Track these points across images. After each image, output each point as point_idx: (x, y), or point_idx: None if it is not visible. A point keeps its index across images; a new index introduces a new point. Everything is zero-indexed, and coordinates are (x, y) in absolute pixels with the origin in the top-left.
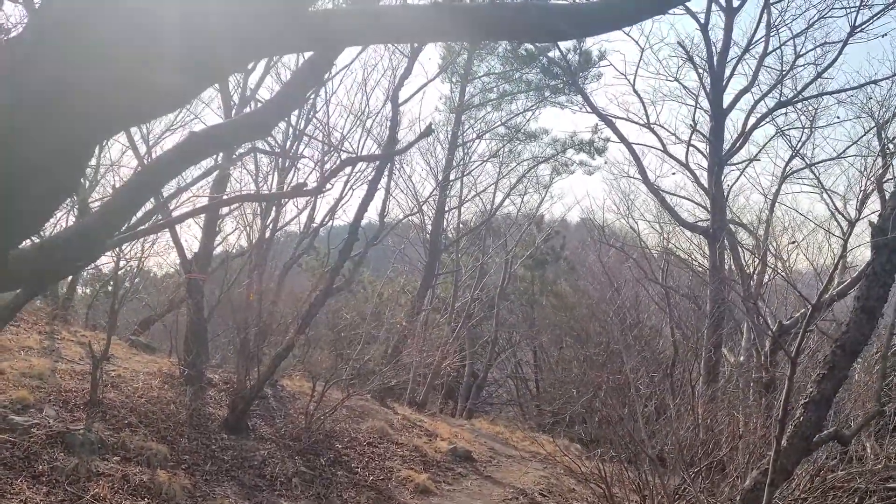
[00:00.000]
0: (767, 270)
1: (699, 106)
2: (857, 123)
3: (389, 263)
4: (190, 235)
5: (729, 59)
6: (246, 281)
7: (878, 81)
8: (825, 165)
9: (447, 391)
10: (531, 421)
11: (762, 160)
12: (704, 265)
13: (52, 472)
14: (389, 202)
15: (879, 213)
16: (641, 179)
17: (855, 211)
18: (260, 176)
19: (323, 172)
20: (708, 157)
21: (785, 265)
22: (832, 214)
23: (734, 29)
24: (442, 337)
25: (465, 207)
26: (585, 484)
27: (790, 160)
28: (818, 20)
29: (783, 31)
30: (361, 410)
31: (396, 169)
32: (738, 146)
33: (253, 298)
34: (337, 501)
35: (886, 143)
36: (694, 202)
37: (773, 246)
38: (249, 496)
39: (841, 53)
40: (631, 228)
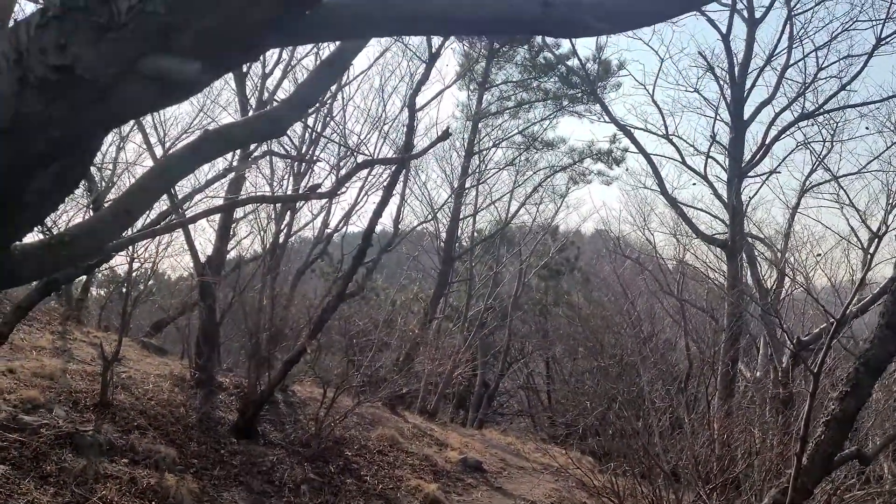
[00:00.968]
0: (785, 285)
1: (719, 117)
2: (878, 138)
3: (403, 271)
4: (204, 239)
5: (750, 70)
6: (259, 285)
7: None
8: (847, 180)
9: (458, 400)
10: (542, 432)
11: (780, 173)
12: (720, 278)
13: (59, 472)
14: (404, 209)
15: None
16: (659, 191)
17: (882, 225)
18: (275, 179)
19: (338, 176)
20: (727, 169)
21: (808, 279)
22: (852, 230)
23: (756, 40)
24: (454, 345)
25: (479, 216)
26: (597, 498)
27: (810, 173)
28: (841, 32)
29: (806, 43)
30: (372, 418)
31: (412, 176)
32: (758, 158)
33: (266, 304)
34: None
35: None
36: (711, 214)
37: (792, 260)
38: (258, 502)
39: (865, 66)
40: (647, 240)
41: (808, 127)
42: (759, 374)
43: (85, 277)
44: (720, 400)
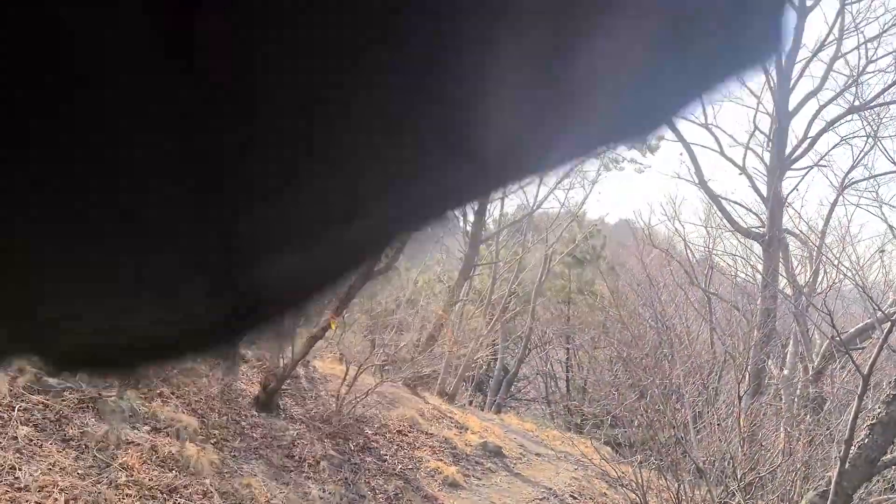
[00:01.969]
0: (818, 281)
1: (761, 108)
2: None
3: (428, 251)
4: None
5: (798, 59)
6: None
7: None
8: (886, 178)
9: (477, 384)
10: (559, 420)
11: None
12: (750, 273)
13: (81, 437)
14: None
15: None
16: (697, 181)
17: None
18: None
19: None
20: (768, 161)
21: (861, 276)
22: (890, 228)
23: (805, 28)
24: (476, 329)
25: (507, 200)
26: (619, 489)
27: (851, 170)
28: (893, 25)
29: (855, 35)
30: (392, 397)
31: None
32: (802, 151)
33: None
34: (364, 488)
35: None
36: (746, 207)
37: (831, 256)
38: (277, 476)
39: None
40: (676, 231)
41: (849, 122)
42: (786, 371)
43: None
44: (749, 397)
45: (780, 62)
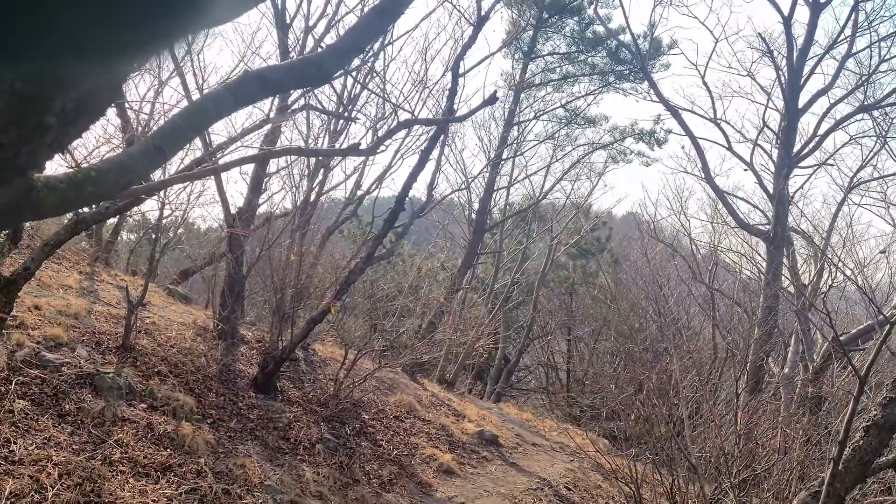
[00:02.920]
0: (823, 281)
1: (771, 104)
2: None
3: (432, 238)
4: (236, 191)
5: (809, 56)
6: (287, 241)
7: None
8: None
9: (477, 372)
10: (559, 411)
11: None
12: (754, 270)
13: (78, 412)
14: (439, 176)
15: None
16: (703, 176)
17: None
18: (311, 136)
19: (376, 136)
20: (776, 157)
21: (864, 277)
22: None
23: (817, 25)
24: (478, 317)
25: (513, 189)
26: (613, 482)
27: (859, 170)
28: None
29: (870, 33)
30: (391, 383)
31: (449, 143)
32: (810, 149)
33: (293, 259)
34: (359, 472)
35: None
36: (751, 204)
37: (833, 256)
38: (272, 458)
39: None
40: (682, 226)
41: (859, 121)
42: (787, 370)
43: (116, 220)
44: (747, 394)
45: (791, 59)
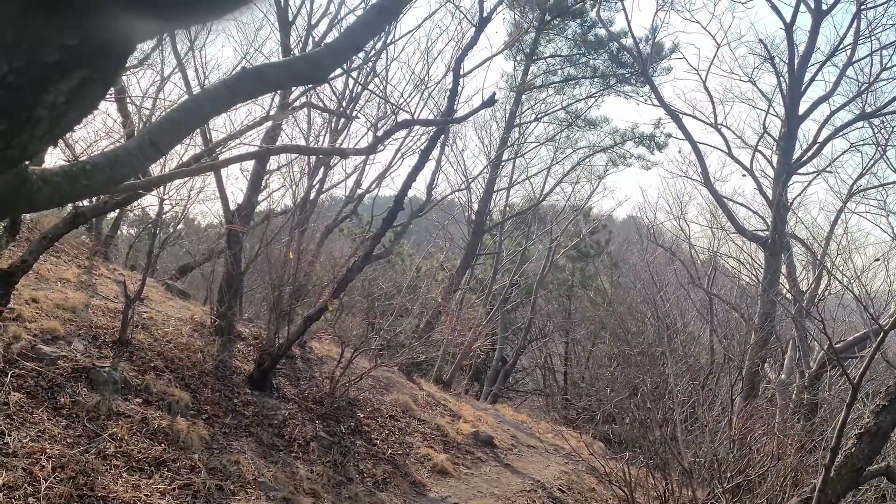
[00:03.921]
0: (821, 288)
1: (772, 110)
2: None
3: (430, 238)
4: (236, 188)
5: (810, 63)
6: (286, 239)
7: None
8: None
9: (474, 373)
10: (556, 413)
11: (831, 173)
12: (753, 276)
13: (73, 405)
14: (438, 176)
15: None
16: (702, 181)
17: None
18: (311, 134)
19: (376, 135)
20: (776, 164)
21: (860, 284)
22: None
23: (819, 33)
24: (476, 318)
25: (513, 190)
26: (607, 485)
27: (859, 177)
28: None
29: (871, 41)
30: (387, 382)
31: (449, 143)
32: (809, 156)
33: (292, 257)
34: (353, 471)
35: None
36: (751, 210)
37: (830, 264)
38: (266, 455)
39: None
40: (681, 230)
41: (860, 129)
42: (783, 376)
43: (116, 214)
44: (743, 399)
45: (792, 66)
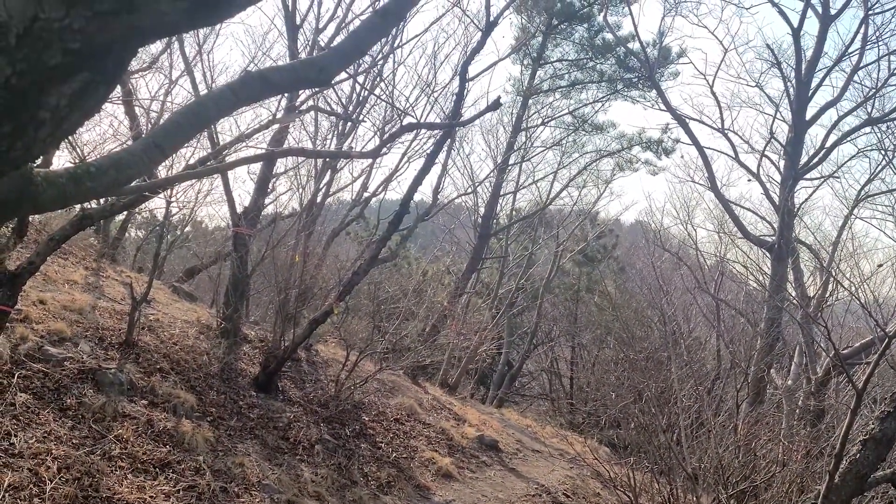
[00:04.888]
0: (828, 294)
1: (779, 116)
2: None
3: (437, 242)
4: (243, 191)
5: (818, 69)
6: (292, 242)
7: None
8: None
9: (479, 377)
10: (561, 418)
11: (838, 178)
12: (760, 281)
13: (79, 407)
14: (445, 179)
15: None
16: (709, 186)
17: None
18: (318, 137)
19: (383, 139)
20: (783, 169)
21: (869, 290)
22: None
23: (827, 38)
24: (482, 322)
25: (519, 194)
26: (612, 490)
27: (867, 183)
28: None
29: (880, 46)
30: (392, 385)
31: (455, 147)
32: (816, 161)
33: (298, 260)
34: (357, 474)
35: None
36: (758, 215)
37: (837, 270)
38: (271, 457)
39: None
40: (689, 235)
41: (868, 134)
42: (790, 382)
43: (123, 217)
44: (749, 405)
45: (799, 71)
